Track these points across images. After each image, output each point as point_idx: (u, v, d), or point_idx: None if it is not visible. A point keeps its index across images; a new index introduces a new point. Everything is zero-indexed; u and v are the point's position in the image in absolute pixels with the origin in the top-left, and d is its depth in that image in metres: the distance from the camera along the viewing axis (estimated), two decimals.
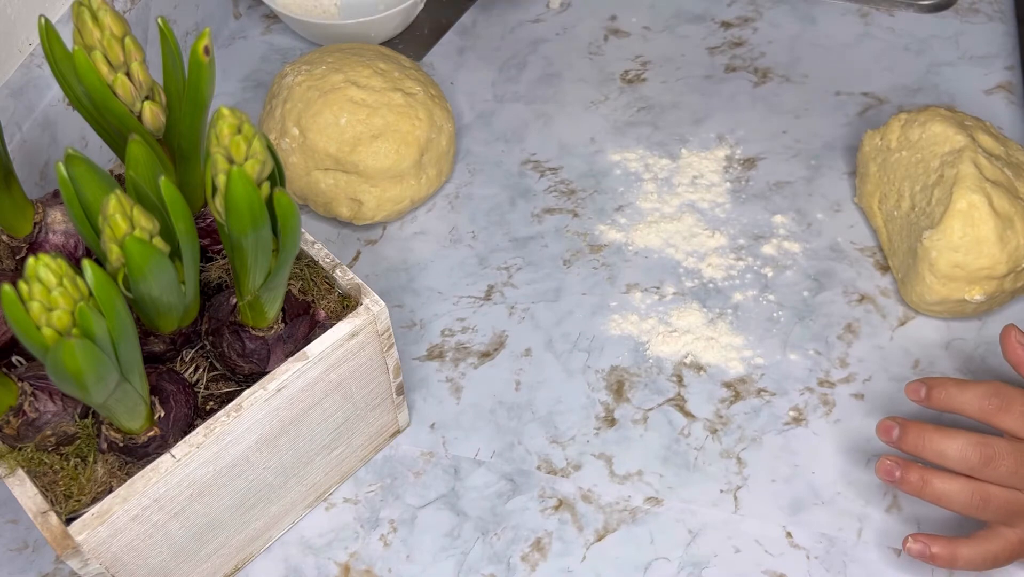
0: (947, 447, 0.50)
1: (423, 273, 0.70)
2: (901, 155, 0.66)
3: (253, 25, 0.87)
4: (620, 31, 0.84)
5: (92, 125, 0.49)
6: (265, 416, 0.51)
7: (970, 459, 0.49)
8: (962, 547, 0.50)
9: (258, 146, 0.42)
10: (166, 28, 0.47)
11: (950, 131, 0.64)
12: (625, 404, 0.63)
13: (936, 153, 0.64)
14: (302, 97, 0.70)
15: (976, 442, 0.49)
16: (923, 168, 0.64)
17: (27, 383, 0.48)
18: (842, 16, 0.83)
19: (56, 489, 0.48)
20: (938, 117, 0.65)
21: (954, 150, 0.63)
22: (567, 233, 0.71)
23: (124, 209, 0.42)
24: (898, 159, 0.66)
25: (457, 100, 0.80)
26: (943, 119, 0.65)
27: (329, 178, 0.70)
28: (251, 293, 0.48)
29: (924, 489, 0.50)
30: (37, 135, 0.64)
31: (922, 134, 0.65)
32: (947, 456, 0.50)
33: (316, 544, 0.59)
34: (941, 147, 0.64)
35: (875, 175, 0.68)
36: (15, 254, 0.54)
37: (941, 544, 0.50)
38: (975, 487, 0.50)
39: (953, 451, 0.50)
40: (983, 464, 0.49)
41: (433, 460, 0.62)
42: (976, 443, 0.49)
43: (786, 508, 0.58)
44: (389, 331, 0.55)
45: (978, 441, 0.49)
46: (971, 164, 0.61)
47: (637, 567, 0.57)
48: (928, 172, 0.64)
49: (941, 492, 0.50)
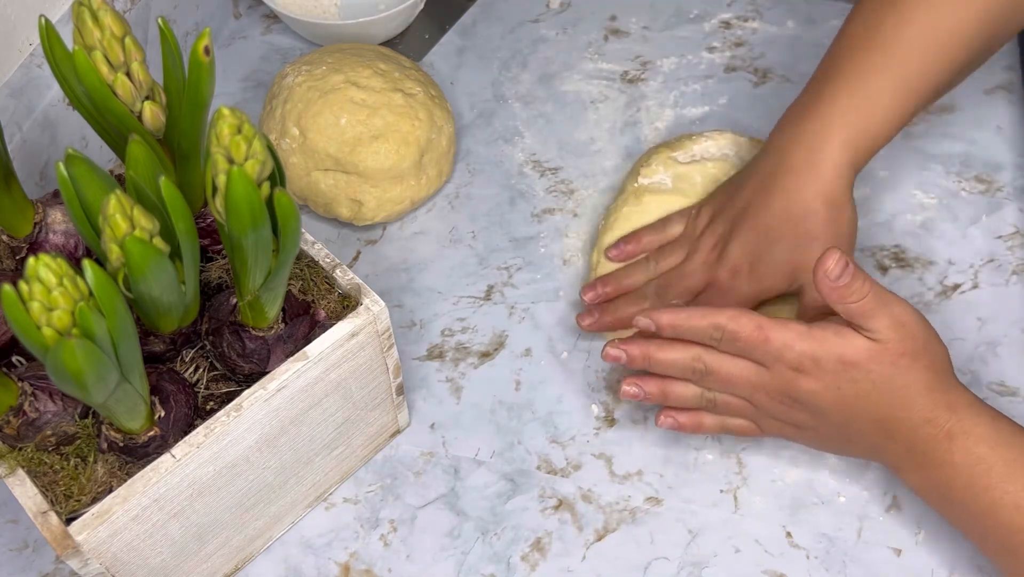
0: (668, 361, 0.56)
1: (423, 273, 0.70)
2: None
3: (253, 25, 0.87)
4: (620, 31, 0.84)
5: (92, 125, 0.49)
6: (265, 416, 0.51)
7: (686, 372, 0.56)
8: (706, 418, 0.58)
9: (258, 146, 0.42)
10: (166, 28, 0.47)
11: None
12: (625, 404, 0.63)
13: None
14: (302, 97, 0.70)
15: (690, 356, 0.55)
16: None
17: (27, 383, 0.48)
18: (842, 16, 0.83)
19: (56, 489, 0.48)
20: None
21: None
22: (567, 233, 0.71)
23: (124, 209, 0.42)
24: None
25: (457, 100, 0.80)
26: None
27: (329, 178, 0.70)
28: (251, 293, 0.48)
29: (665, 400, 0.57)
30: (37, 135, 0.64)
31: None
32: (669, 370, 0.56)
33: (316, 544, 0.59)
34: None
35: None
36: (15, 254, 0.54)
37: (686, 415, 0.57)
38: (704, 392, 0.56)
39: (672, 364, 0.56)
40: (698, 377, 0.56)
41: (433, 460, 0.62)
42: (690, 357, 0.55)
43: (786, 508, 0.58)
44: (389, 331, 0.55)
45: (691, 356, 0.55)
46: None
47: (637, 567, 0.57)
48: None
49: (678, 398, 0.57)
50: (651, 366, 0.56)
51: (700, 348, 0.55)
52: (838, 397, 0.52)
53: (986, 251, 0.68)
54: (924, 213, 0.70)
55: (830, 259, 0.50)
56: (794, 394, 0.53)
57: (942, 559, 0.56)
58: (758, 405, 0.55)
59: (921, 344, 0.52)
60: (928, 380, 0.52)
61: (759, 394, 0.55)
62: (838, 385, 0.52)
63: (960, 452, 0.51)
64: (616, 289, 0.65)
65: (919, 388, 0.51)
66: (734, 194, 0.62)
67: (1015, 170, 0.72)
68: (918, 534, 0.57)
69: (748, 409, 0.56)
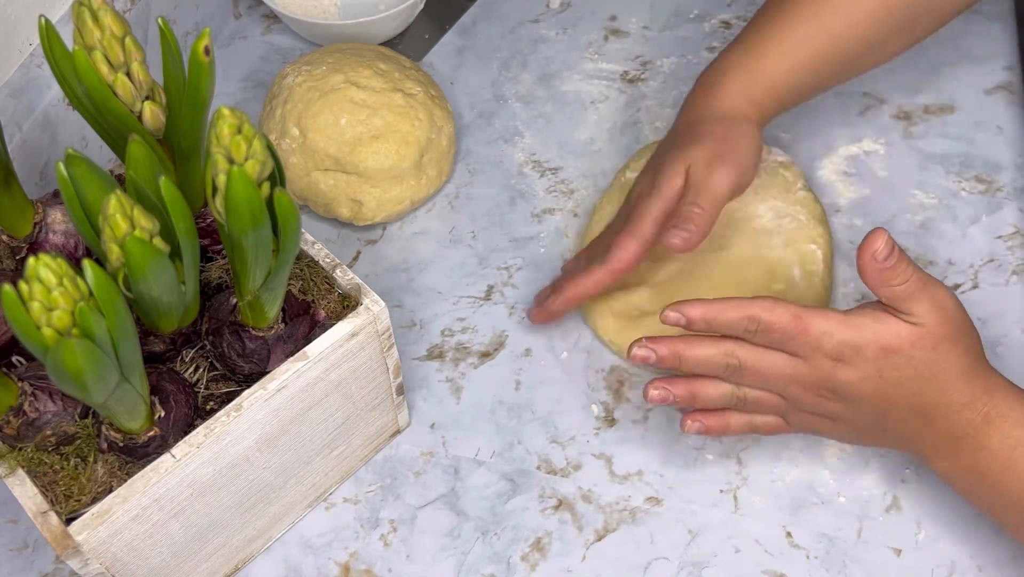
0: (699, 359, 0.53)
1: (423, 273, 0.70)
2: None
3: (253, 25, 0.87)
4: (620, 31, 0.84)
5: (92, 125, 0.49)
6: (265, 416, 0.51)
7: (718, 369, 0.53)
8: (732, 418, 0.56)
9: (258, 146, 0.42)
10: (166, 28, 0.47)
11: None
12: (625, 404, 0.63)
13: None
14: (302, 97, 0.70)
15: (721, 351, 0.53)
16: None
17: (27, 383, 0.48)
18: None
19: (56, 489, 0.48)
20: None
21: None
22: (567, 233, 0.71)
23: (124, 209, 0.42)
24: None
25: (457, 100, 0.80)
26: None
27: (329, 178, 0.70)
28: (251, 293, 0.48)
29: (694, 402, 0.55)
30: (37, 135, 0.64)
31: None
32: (700, 367, 0.54)
33: (316, 544, 0.59)
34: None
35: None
36: (15, 254, 0.54)
37: (714, 418, 0.55)
38: (735, 389, 0.54)
39: (704, 361, 0.53)
40: (730, 373, 0.53)
41: (433, 460, 0.62)
42: (721, 352, 0.53)
43: (786, 508, 0.58)
44: (389, 331, 0.55)
45: (723, 351, 0.53)
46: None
47: (637, 567, 0.57)
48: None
49: (707, 399, 0.55)
50: (681, 364, 0.54)
51: (731, 342, 0.53)
52: (878, 385, 0.51)
53: (986, 251, 0.68)
54: (924, 213, 0.70)
55: (878, 240, 0.48)
56: (832, 385, 0.52)
57: (942, 559, 0.56)
58: (791, 399, 0.54)
59: (960, 328, 0.51)
60: (966, 364, 0.51)
61: (793, 387, 0.53)
62: (879, 373, 0.51)
63: (997, 436, 0.50)
64: (587, 254, 0.66)
65: (958, 372, 0.51)
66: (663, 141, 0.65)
67: (1015, 170, 0.72)
68: (918, 534, 0.57)
69: (779, 404, 0.54)
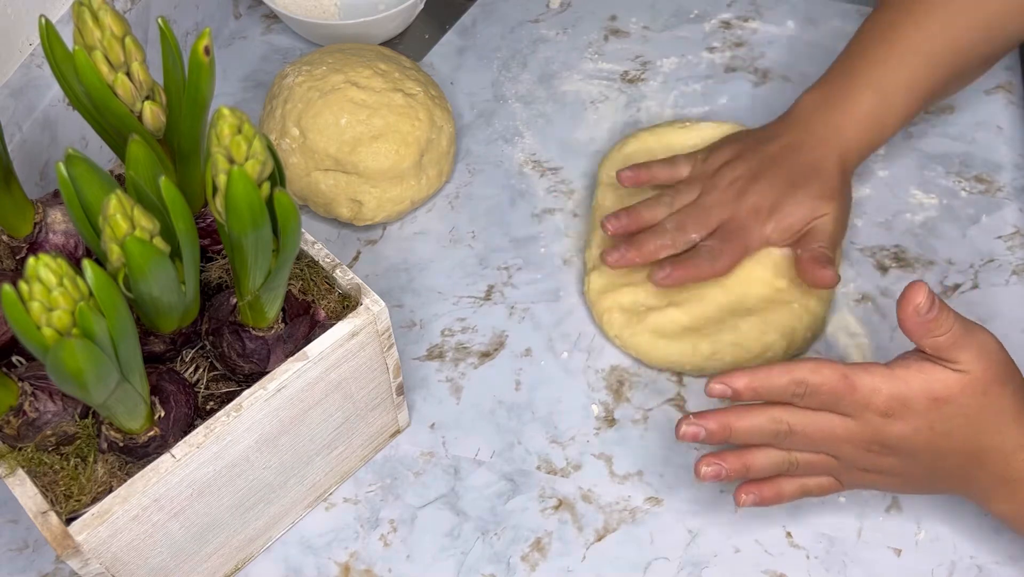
0: (748, 430, 0.52)
1: (423, 273, 0.70)
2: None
3: (253, 25, 0.87)
4: (620, 31, 0.84)
5: (92, 125, 0.49)
6: (265, 416, 0.51)
7: (768, 437, 0.52)
8: (785, 486, 0.55)
9: (258, 146, 0.42)
10: (166, 28, 0.47)
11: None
12: (625, 404, 0.63)
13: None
14: (302, 97, 0.70)
15: (770, 419, 0.52)
16: None
17: (27, 383, 0.48)
18: (842, 16, 0.83)
19: (56, 489, 0.48)
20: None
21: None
22: (567, 233, 0.71)
23: (124, 209, 0.42)
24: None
25: (457, 100, 0.80)
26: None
27: (329, 178, 0.70)
28: (251, 293, 0.48)
29: (747, 474, 0.54)
30: (37, 135, 0.64)
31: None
32: (750, 437, 0.53)
33: (316, 544, 0.59)
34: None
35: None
36: (15, 254, 0.53)
37: (768, 488, 0.54)
38: (786, 455, 0.53)
39: (753, 431, 0.52)
40: (781, 440, 0.52)
41: (433, 460, 0.61)
42: (770, 419, 0.52)
43: (786, 508, 0.58)
44: (389, 331, 0.55)
45: (771, 418, 0.52)
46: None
47: (637, 567, 0.57)
48: None
49: (759, 470, 0.53)
50: (732, 437, 0.52)
51: (779, 408, 0.52)
52: (930, 437, 0.50)
53: (986, 251, 0.68)
54: (924, 213, 0.70)
55: (919, 293, 0.48)
56: (884, 440, 0.51)
57: (942, 559, 0.56)
58: (843, 458, 0.53)
59: (1006, 369, 0.50)
60: (1017, 406, 0.50)
61: (845, 447, 0.52)
62: (930, 425, 0.50)
63: None
64: (636, 222, 0.66)
65: (1009, 415, 0.50)
66: (757, 147, 0.66)
67: (1015, 170, 0.72)
68: (918, 534, 0.57)
69: (831, 465, 0.53)
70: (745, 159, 0.65)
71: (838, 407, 0.51)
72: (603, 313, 0.65)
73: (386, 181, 0.70)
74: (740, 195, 0.64)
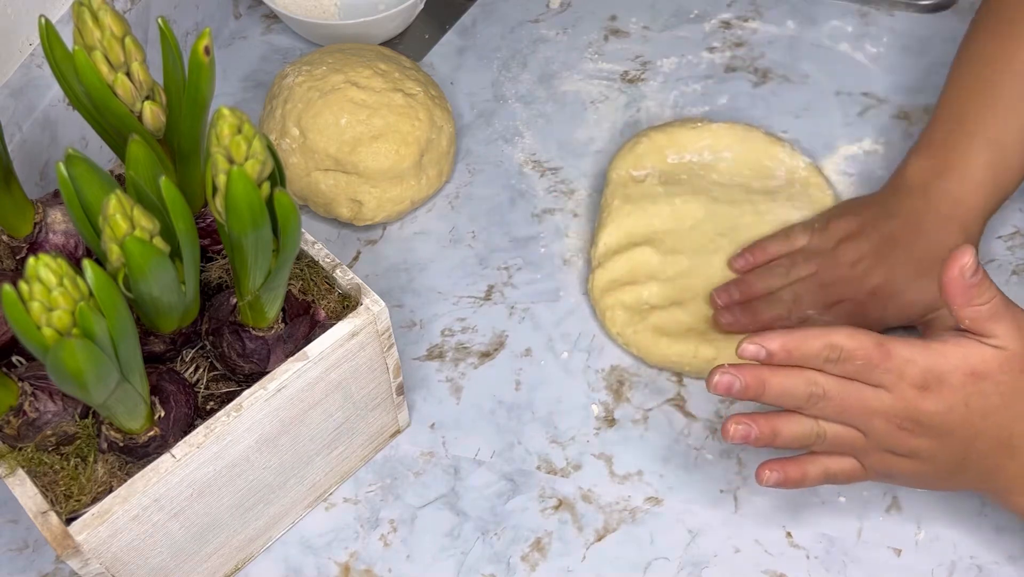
0: (783, 389, 0.50)
1: (423, 273, 0.70)
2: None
3: (253, 25, 0.87)
4: (620, 31, 0.84)
5: (92, 125, 0.49)
6: (265, 416, 0.51)
7: (800, 400, 0.50)
8: (809, 468, 0.52)
9: (258, 146, 0.42)
10: (166, 28, 0.47)
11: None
12: (625, 404, 0.63)
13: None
14: (302, 97, 0.70)
15: (806, 380, 0.50)
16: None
17: (27, 383, 0.48)
18: (842, 16, 0.83)
19: (56, 489, 0.48)
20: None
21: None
22: (567, 233, 0.71)
23: (124, 209, 0.42)
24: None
25: (457, 100, 0.80)
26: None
27: (329, 179, 0.70)
28: (251, 293, 0.48)
29: (775, 441, 0.52)
30: (37, 135, 0.64)
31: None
32: (783, 398, 0.51)
33: (316, 544, 0.59)
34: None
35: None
36: (15, 254, 0.54)
37: (793, 468, 0.52)
38: (814, 425, 0.51)
39: (788, 391, 0.50)
40: (812, 404, 0.50)
41: (433, 460, 0.62)
42: (806, 381, 0.50)
43: (786, 508, 0.58)
44: (389, 331, 0.55)
45: (807, 380, 0.50)
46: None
47: (637, 567, 0.57)
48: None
49: (788, 437, 0.51)
50: (765, 393, 0.51)
51: (814, 371, 0.50)
52: (965, 415, 0.49)
53: (986, 251, 0.68)
54: None
55: (966, 254, 0.47)
56: (917, 416, 0.49)
57: (942, 559, 0.56)
58: (872, 434, 0.51)
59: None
60: None
61: (876, 420, 0.50)
62: (966, 401, 0.48)
63: None
64: (747, 294, 0.63)
65: None
66: (877, 222, 0.63)
67: None
68: (918, 534, 0.57)
69: (859, 441, 0.51)
70: (867, 236, 0.62)
71: (872, 376, 0.49)
72: (606, 310, 0.65)
73: (386, 181, 0.70)
74: (862, 277, 0.61)
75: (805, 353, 0.50)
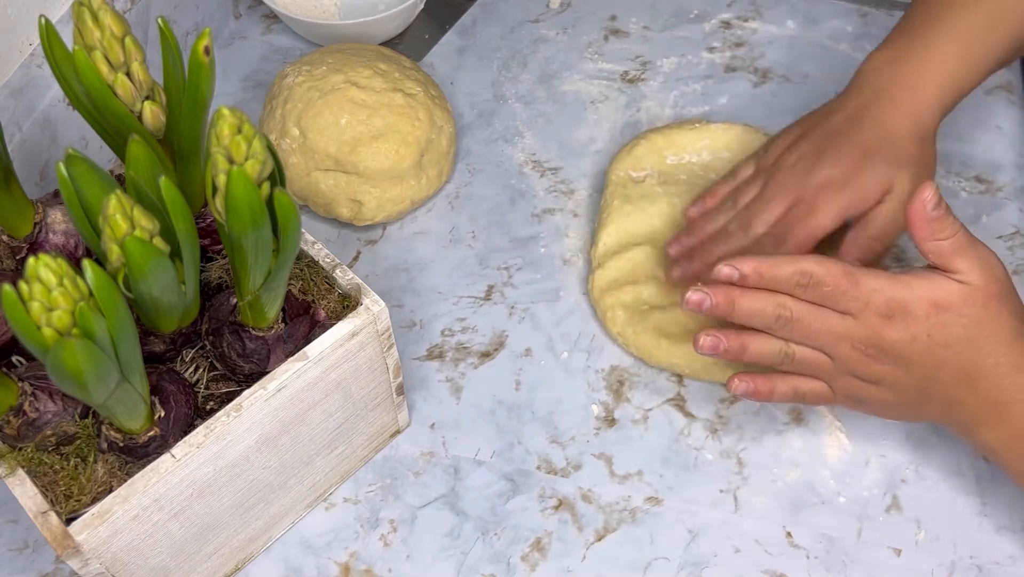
0: (752, 308, 0.52)
1: (423, 273, 0.70)
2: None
3: (253, 25, 0.87)
4: (620, 31, 0.84)
5: (92, 125, 0.49)
6: (265, 416, 0.51)
7: (769, 320, 0.52)
8: (779, 384, 0.55)
9: (258, 146, 0.42)
10: (166, 28, 0.47)
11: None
12: (625, 404, 0.63)
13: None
14: (302, 97, 0.70)
15: (775, 303, 0.52)
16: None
17: (27, 383, 0.48)
18: (842, 16, 0.83)
19: (56, 489, 0.48)
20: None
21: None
22: (567, 233, 0.71)
23: (124, 209, 0.42)
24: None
25: (457, 100, 0.80)
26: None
27: (329, 179, 0.70)
28: (251, 293, 0.48)
29: (743, 355, 0.54)
30: (37, 135, 0.64)
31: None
32: (753, 318, 0.53)
33: (316, 544, 0.59)
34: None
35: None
36: (15, 254, 0.54)
37: (762, 381, 0.54)
38: (783, 345, 0.53)
39: (757, 312, 0.52)
40: (781, 325, 0.52)
41: (433, 460, 0.62)
42: (775, 303, 0.52)
43: (786, 508, 0.58)
44: (389, 331, 0.55)
45: (776, 302, 0.52)
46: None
47: (637, 567, 0.57)
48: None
49: (756, 352, 0.54)
50: (735, 312, 0.53)
51: (784, 296, 0.52)
52: (928, 345, 0.50)
53: None
54: None
55: (927, 189, 0.49)
56: (881, 344, 0.51)
57: (942, 559, 0.56)
58: (839, 359, 0.52)
59: (1007, 290, 0.50)
60: (1014, 326, 0.50)
61: (842, 345, 0.52)
62: (928, 332, 0.50)
63: None
64: (699, 238, 0.63)
65: (1006, 334, 0.50)
66: (819, 122, 0.62)
67: (1015, 170, 0.72)
68: (918, 534, 0.57)
69: (826, 365, 0.53)
70: (808, 138, 0.61)
71: (839, 303, 0.51)
72: (606, 311, 0.65)
73: (386, 181, 0.70)
74: (806, 174, 0.60)
75: (776, 276, 0.52)
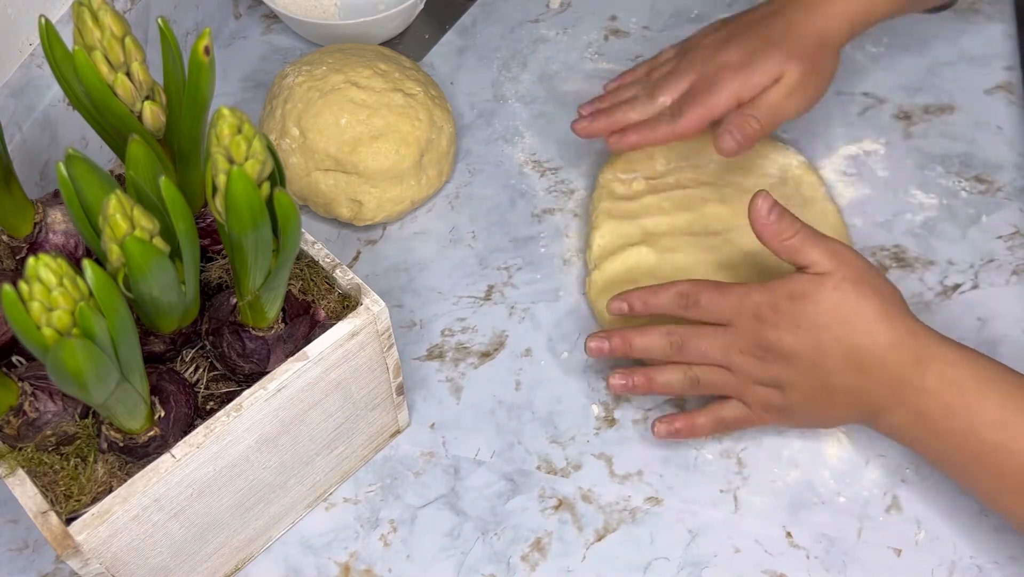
0: (646, 343, 0.58)
1: (423, 273, 0.70)
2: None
3: (253, 25, 0.87)
4: (620, 31, 0.84)
5: (92, 125, 0.49)
6: (265, 416, 0.51)
7: (664, 348, 0.57)
8: (698, 417, 0.58)
9: (258, 146, 0.42)
10: (166, 28, 0.47)
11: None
12: (625, 404, 0.63)
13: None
14: (302, 97, 0.70)
15: (664, 332, 0.57)
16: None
17: (27, 383, 0.48)
18: None
19: (56, 489, 0.48)
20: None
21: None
22: (567, 233, 0.71)
23: (124, 209, 0.42)
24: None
25: (457, 100, 0.80)
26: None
27: (329, 179, 0.70)
28: (251, 293, 0.48)
29: (652, 387, 0.58)
30: (37, 135, 0.64)
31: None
32: (648, 350, 0.58)
33: (316, 544, 0.59)
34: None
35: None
36: (15, 254, 0.54)
37: (681, 419, 0.58)
38: (685, 370, 0.57)
39: (650, 344, 0.58)
40: (675, 351, 0.57)
41: (433, 460, 0.62)
42: (664, 333, 0.57)
43: (786, 508, 0.58)
44: (389, 331, 0.55)
45: (665, 332, 0.57)
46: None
47: (637, 567, 0.57)
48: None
49: (664, 383, 0.58)
50: (632, 350, 0.58)
51: (672, 325, 0.57)
52: (801, 336, 0.53)
53: (986, 251, 0.68)
54: (924, 213, 0.70)
55: (758, 198, 0.54)
56: (763, 343, 0.54)
57: (942, 559, 0.56)
58: (735, 369, 0.56)
59: (862, 273, 0.53)
60: (878, 306, 0.53)
61: (732, 354, 0.55)
62: (797, 323, 0.53)
63: (932, 376, 0.52)
64: (610, 102, 0.69)
65: (871, 313, 0.52)
66: (739, 18, 0.68)
67: (1015, 170, 0.72)
68: (918, 534, 0.57)
69: (728, 380, 0.56)
70: (725, 29, 0.67)
71: (715, 315, 0.56)
72: (604, 311, 0.65)
73: (386, 181, 0.70)
74: (712, 55, 0.65)
75: (659, 302, 0.57)
